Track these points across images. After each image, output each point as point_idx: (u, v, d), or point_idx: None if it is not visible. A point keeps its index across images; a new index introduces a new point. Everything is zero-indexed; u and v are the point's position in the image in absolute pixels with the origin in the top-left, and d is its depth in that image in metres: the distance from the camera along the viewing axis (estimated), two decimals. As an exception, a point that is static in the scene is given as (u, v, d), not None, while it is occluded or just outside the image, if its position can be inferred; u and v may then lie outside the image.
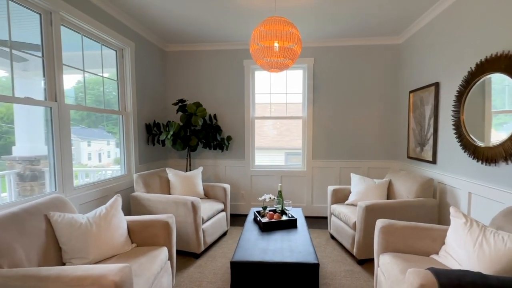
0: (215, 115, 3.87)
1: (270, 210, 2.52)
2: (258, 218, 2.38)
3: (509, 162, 1.83)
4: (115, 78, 3.02)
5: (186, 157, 3.86)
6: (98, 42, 2.73)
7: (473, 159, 2.17)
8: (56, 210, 1.58)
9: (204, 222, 2.63)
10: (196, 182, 3.16)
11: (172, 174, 3.11)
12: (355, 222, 2.42)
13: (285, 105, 3.94)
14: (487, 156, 2.01)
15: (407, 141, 3.31)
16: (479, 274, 1.17)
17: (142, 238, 1.83)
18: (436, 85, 2.67)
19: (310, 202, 3.83)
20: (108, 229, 1.62)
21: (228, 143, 3.81)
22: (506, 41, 1.86)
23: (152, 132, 3.56)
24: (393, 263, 1.61)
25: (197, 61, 3.91)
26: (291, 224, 2.33)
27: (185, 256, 2.58)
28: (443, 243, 1.72)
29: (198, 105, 3.60)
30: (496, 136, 2.00)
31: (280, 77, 3.88)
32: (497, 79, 1.97)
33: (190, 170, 3.74)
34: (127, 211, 2.94)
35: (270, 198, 2.60)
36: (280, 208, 2.53)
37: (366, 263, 2.43)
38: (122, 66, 3.07)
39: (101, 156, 2.84)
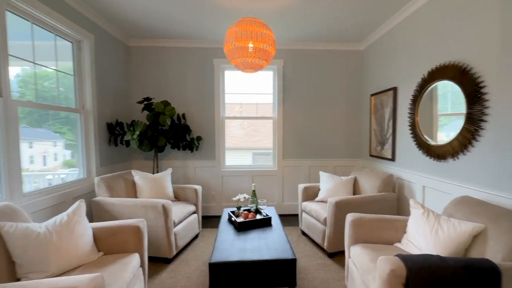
0: (183, 115, 3.74)
1: (244, 210, 2.52)
2: (233, 218, 2.36)
3: (456, 158, 2.09)
4: (71, 73, 2.74)
5: (153, 158, 3.66)
6: (52, 32, 2.46)
7: (426, 156, 2.43)
8: (6, 219, 1.38)
9: (175, 225, 2.52)
10: (165, 184, 3.02)
11: (139, 177, 2.93)
12: (326, 217, 2.54)
13: (256, 105, 3.97)
14: (438, 153, 2.27)
15: (369, 140, 3.57)
16: (438, 256, 1.31)
17: (110, 246, 1.69)
18: (394, 89, 2.94)
19: (281, 200, 3.91)
20: (71, 238, 1.46)
21: (198, 144, 3.72)
22: (453, 53, 2.12)
23: (114, 132, 3.31)
24: (363, 253, 1.72)
25: (164, 58, 3.75)
26: (266, 223, 2.36)
27: (156, 262, 2.45)
28: (405, 232, 1.89)
29: (166, 103, 3.45)
30: (441, 136, 2.27)
31: (250, 78, 3.91)
32: (443, 85, 2.23)
33: (157, 172, 3.57)
34: (88, 217, 2.69)
35: (245, 197, 2.60)
36: (254, 207, 2.55)
37: (336, 256, 2.57)
38: (79, 59, 2.80)
39: (46, 159, 2.53)
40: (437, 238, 1.58)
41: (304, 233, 3.13)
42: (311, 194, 3.14)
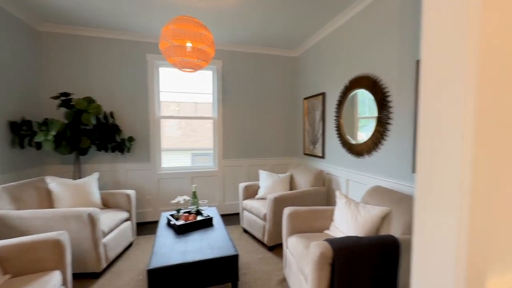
0: (112, 113, 3.38)
1: (184, 212, 2.45)
2: (172, 222, 2.26)
3: (370, 155, 2.49)
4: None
5: (74, 162, 3.19)
6: None
7: (349, 153, 2.81)
8: None
9: (105, 235, 2.27)
10: (90, 191, 2.68)
11: (56, 184, 2.53)
12: (265, 213, 2.68)
13: (194, 104, 3.88)
14: (357, 151, 2.66)
15: (303, 140, 3.91)
16: (356, 237, 1.55)
17: (20, 266, 1.41)
18: (323, 94, 3.30)
19: (222, 200, 3.92)
20: (-38, 263, 1.17)
21: (130, 145, 3.41)
22: (368, 66, 2.51)
23: (20, 133, 2.77)
24: (298, 242, 1.89)
25: (87, 49, 3.31)
26: (208, 223, 2.34)
27: (81, 278, 2.15)
28: (332, 220, 2.15)
29: (90, 100, 3.07)
30: (360, 136, 2.68)
31: (188, 76, 3.79)
32: (361, 93, 2.63)
33: (80, 178, 3.13)
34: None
35: (185, 199, 2.52)
36: (195, 209, 2.49)
37: (276, 248, 2.73)
38: (-31, 41, 2.25)
39: None
40: (356, 222, 1.86)
41: (245, 231, 3.21)
42: (251, 192, 3.26)
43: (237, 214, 3.92)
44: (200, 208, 2.54)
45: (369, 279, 1.43)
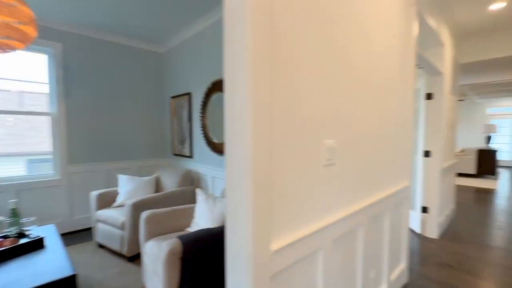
0: None
1: (-2, 238, 1.82)
2: (-29, 255, 1.62)
3: (229, 151, 2.72)
4: None
5: None
6: None
7: (213, 152, 2.97)
8: None
9: None
10: None
11: None
12: (124, 221, 2.40)
13: (20, 95, 2.98)
14: (219, 149, 2.85)
15: (172, 140, 3.80)
16: (207, 228, 1.65)
17: None
18: (189, 94, 3.33)
19: (70, 215, 3.20)
20: None
21: None
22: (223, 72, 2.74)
23: None
24: (155, 245, 1.81)
25: None
26: (35, 246, 1.84)
27: None
28: (193, 217, 2.20)
29: None
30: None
31: (6, 57, 2.86)
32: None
33: None
34: None
35: (-2, 221, 1.87)
36: (15, 231, 1.90)
37: (137, 258, 2.49)
38: None
39: None
40: (212, 215, 1.99)
41: (101, 245, 2.76)
42: (108, 201, 2.84)
43: (91, 228, 3.31)
44: (24, 228, 1.96)
45: (217, 264, 1.55)
